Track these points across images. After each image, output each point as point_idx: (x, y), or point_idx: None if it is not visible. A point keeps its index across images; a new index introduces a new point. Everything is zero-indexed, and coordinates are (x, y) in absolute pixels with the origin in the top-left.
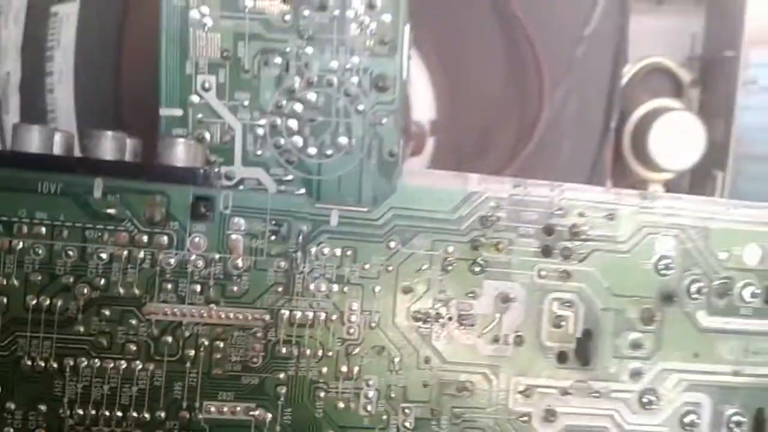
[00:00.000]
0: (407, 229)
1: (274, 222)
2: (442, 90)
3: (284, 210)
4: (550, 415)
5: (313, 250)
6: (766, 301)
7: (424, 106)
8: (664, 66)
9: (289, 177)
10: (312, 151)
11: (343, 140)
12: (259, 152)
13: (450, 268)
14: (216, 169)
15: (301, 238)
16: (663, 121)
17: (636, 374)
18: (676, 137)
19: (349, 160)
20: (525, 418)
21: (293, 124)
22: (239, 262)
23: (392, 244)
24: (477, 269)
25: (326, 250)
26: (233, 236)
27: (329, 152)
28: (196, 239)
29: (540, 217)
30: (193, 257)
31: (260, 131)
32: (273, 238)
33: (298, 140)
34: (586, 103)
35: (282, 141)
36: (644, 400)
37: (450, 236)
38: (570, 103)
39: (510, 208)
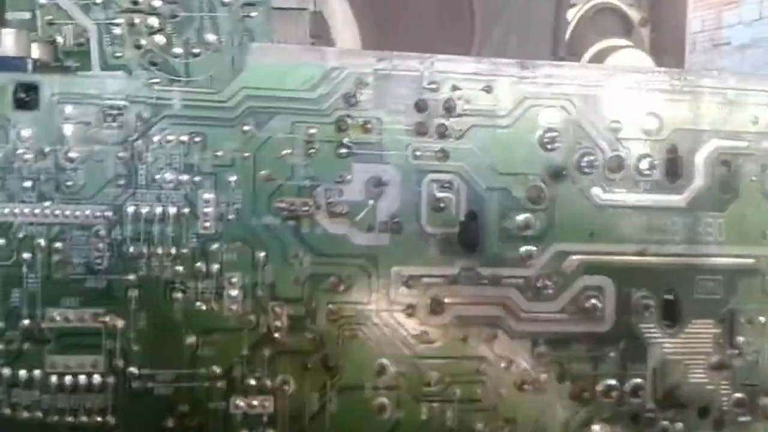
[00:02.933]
0: (263, 111)
1: (109, 107)
2: (367, 28)
3: (120, 94)
4: (436, 306)
5: (156, 137)
6: (667, 174)
7: (347, 42)
8: (613, 5)
9: (155, 80)
10: (177, 50)
11: (210, 37)
12: (118, 54)
13: (313, 152)
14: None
15: (140, 124)
16: (613, 60)
17: (527, 257)
18: None
19: (219, 59)
20: (409, 311)
21: (154, 21)
22: (72, 154)
23: (246, 128)
24: (344, 152)
25: (171, 137)
26: (64, 126)
27: (196, 51)
28: (22, 131)
29: (411, 93)
30: (20, 151)
31: (117, 30)
32: (110, 125)
33: (161, 39)
34: (528, 43)
35: (143, 41)
36: (539, 285)
37: (311, 117)
38: (510, 44)
39: (376, 84)
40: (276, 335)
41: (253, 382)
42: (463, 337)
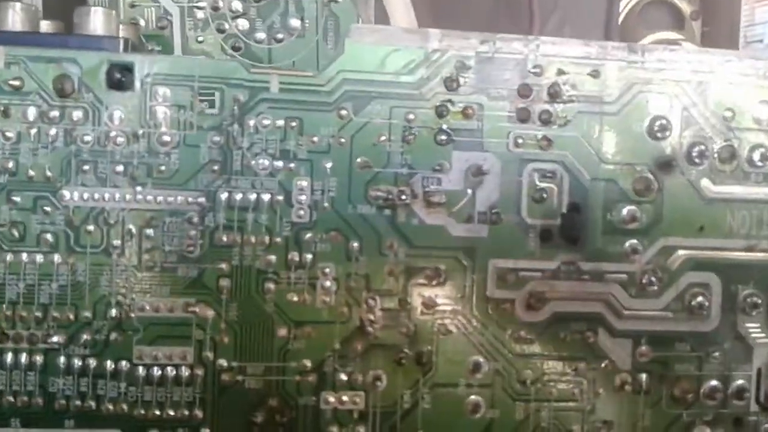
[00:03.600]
0: (360, 95)
1: (204, 91)
2: (423, 11)
3: (215, 77)
4: (535, 301)
5: (252, 122)
6: None
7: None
8: None
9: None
10: (260, 35)
11: (294, 22)
12: (200, 38)
13: (412, 138)
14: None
15: (236, 108)
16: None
17: (633, 252)
18: None
19: (303, 45)
20: (507, 306)
21: (237, 5)
22: (166, 138)
23: (344, 113)
24: (443, 139)
25: (267, 122)
26: (158, 108)
27: (280, 36)
28: (115, 113)
29: (514, 77)
30: (113, 133)
31: (200, 14)
32: (204, 108)
33: (244, 23)
34: (581, 34)
35: (226, 25)
36: (643, 281)
37: (410, 102)
38: (564, 34)
39: (478, 68)
40: (369, 329)
41: (344, 377)
42: (561, 334)
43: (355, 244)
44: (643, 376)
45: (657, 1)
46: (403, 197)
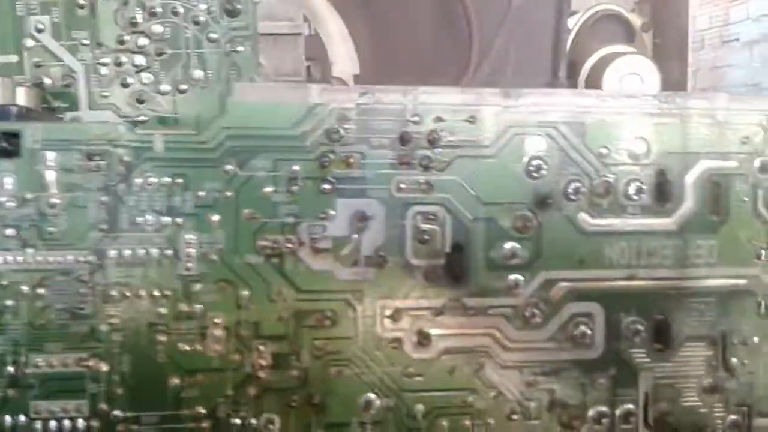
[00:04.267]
0: (244, 150)
1: (91, 153)
2: (364, 43)
3: (101, 139)
4: (423, 338)
5: (138, 180)
6: (656, 197)
7: (345, 61)
8: (614, 12)
9: (143, 117)
10: (165, 87)
11: (197, 73)
12: (105, 93)
13: (297, 188)
14: (60, 116)
15: (123, 168)
16: (615, 66)
17: (515, 287)
18: (631, 82)
19: (207, 94)
20: (395, 344)
21: (140, 60)
22: (54, 200)
23: (228, 168)
24: (327, 188)
25: (153, 180)
26: (46, 172)
27: (183, 87)
28: (5, 178)
29: (394, 126)
30: (4, 198)
31: (104, 70)
32: (92, 170)
33: (148, 77)
34: (530, 53)
35: (130, 79)
36: (527, 314)
37: (294, 154)
38: (511, 54)
39: (359, 119)
40: (260, 374)
41: (238, 421)
42: (450, 368)
43: (245, 293)
44: (532, 404)
45: (608, 15)
46: (290, 245)
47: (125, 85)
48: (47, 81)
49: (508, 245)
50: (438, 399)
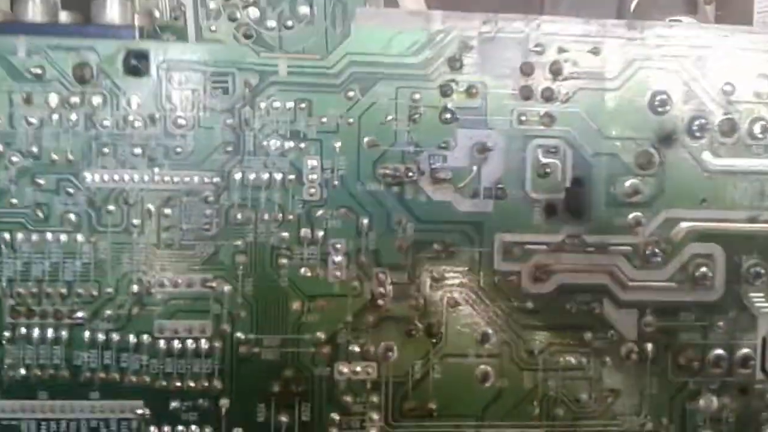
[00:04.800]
0: (367, 77)
1: (217, 75)
2: None
3: (228, 61)
4: (541, 274)
5: (263, 104)
6: None
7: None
8: None
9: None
10: (271, 23)
11: (303, 9)
12: (213, 27)
13: (418, 117)
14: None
15: (248, 91)
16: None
17: (636, 224)
18: None
19: (312, 31)
20: (513, 278)
21: None
22: (181, 120)
23: (351, 94)
24: (448, 117)
25: (277, 104)
26: (173, 92)
27: (289, 23)
28: (132, 98)
29: (516, 56)
30: (131, 117)
31: (212, 4)
32: (217, 92)
33: (255, 12)
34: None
35: (237, 14)
36: (647, 253)
37: (415, 82)
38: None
39: (481, 48)
40: (380, 302)
41: (357, 348)
42: (567, 305)
43: (365, 221)
44: (649, 345)
45: None
46: (411, 174)
47: (232, 20)
48: (156, 13)
49: (630, 182)
50: (554, 335)
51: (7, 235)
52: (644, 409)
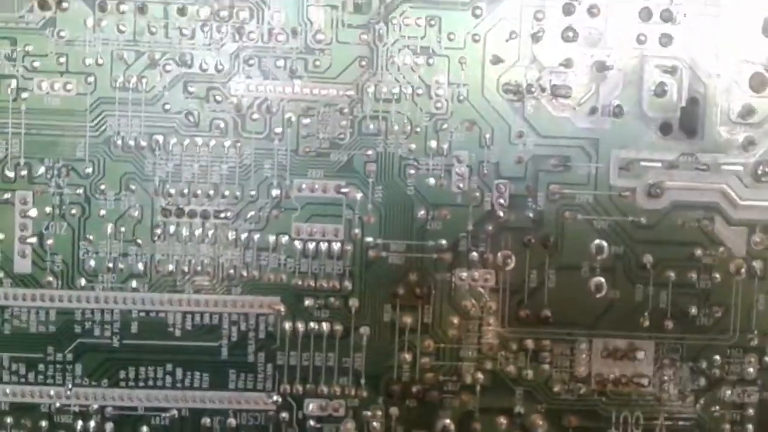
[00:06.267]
0: None
1: None
2: None
3: None
4: (655, 190)
5: (396, 20)
6: None
7: None
8: None
9: None
10: None
11: None
12: None
13: (541, 35)
14: None
15: (382, 8)
16: None
17: (749, 144)
18: None
19: None
20: (627, 194)
21: None
22: (320, 35)
23: (478, 12)
24: (570, 35)
25: (409, 20)
26: (312, 8)
27: None
28: (276, 12)
29: None
30: (275, 30)
31: None
32: (355, 8)
33: None
34: None
35: None
36: (759, 172)
37: (539, 0)
38: None
39: None
40: (499, 212)
41: (476, 256)
42: (680, 221)
43: (487, 135)
44: (757, 262)
45: None
46: (532, 90)
47: None
48: None
49: (744, 102)
50: (666, 251)
51: (160, 138)
52: (752, 325)
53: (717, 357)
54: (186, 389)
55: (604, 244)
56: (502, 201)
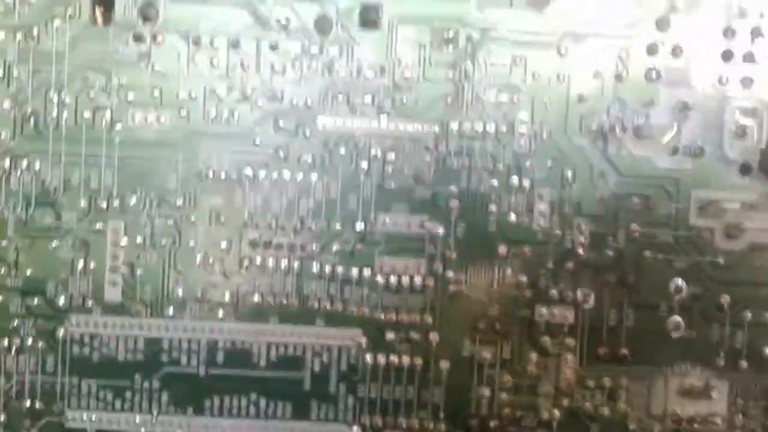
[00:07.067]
0: (578, 35)
1: (441, 29)
2: None
3: (452, 16)
4: (733, 231)
5: (482, 58)
6: None
7: None
8: None
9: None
10: None
11: None
12: None
13: (625, 75)
14: None
15: (469, 46)
16: None
17: None
18: None
19: None
20: (707, 234)
21: None
22: (408, 72)
23: (563, 51)
24: (653, 76)
25: (495, 59)
26: (400, 46)
27: None
28: (366, 48)
29: (718, 21)
30: (364, 67)
31: None
32: (442, 46)
33: None
34: None
35: None
36: None
37: (623, 41)
38: None
39: (687, 11)
40: (579, 250)
41: (556, 293)
42: (758, 262)
43: (569, 173)
44: None
45: None
46: (614, 130)
47: None
48: None
49: None
50: (744, 292)
51: (249, 172)
52: None
53: None
54: (269, 419)
55: (681, 283)
56: (582, 239)
